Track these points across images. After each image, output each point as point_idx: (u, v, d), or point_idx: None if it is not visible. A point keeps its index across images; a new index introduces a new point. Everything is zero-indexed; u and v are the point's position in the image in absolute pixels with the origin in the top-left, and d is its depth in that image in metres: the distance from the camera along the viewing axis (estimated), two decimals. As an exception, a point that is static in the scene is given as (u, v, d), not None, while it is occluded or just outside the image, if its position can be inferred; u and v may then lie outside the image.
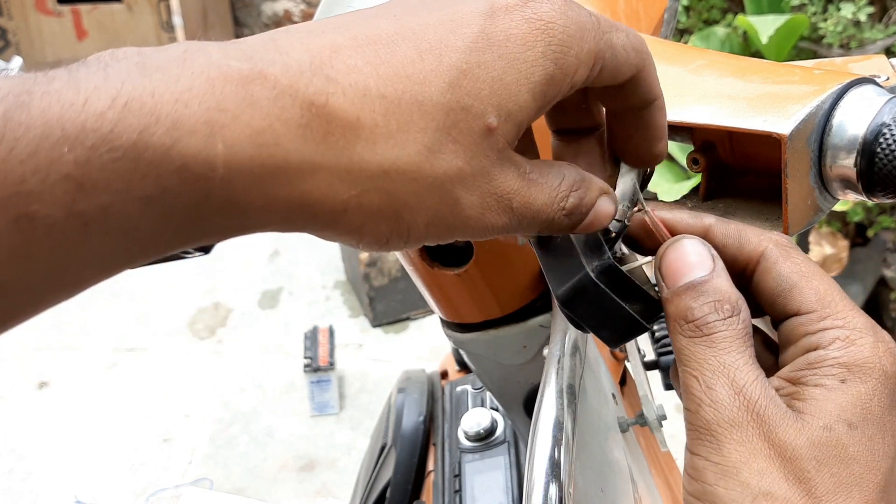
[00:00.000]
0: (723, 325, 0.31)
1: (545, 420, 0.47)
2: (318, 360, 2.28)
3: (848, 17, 2.11)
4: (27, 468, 2.24)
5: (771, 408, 0.29)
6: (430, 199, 0.27)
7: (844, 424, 0.29)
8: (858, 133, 0.36)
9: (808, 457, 0.28)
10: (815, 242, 2.35)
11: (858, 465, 0.28)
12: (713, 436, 0.29)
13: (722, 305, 0.31)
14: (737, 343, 0.31)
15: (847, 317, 0.31)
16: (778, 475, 0.28)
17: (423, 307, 2.58)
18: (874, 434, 0.29)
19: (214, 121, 0.22)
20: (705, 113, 0.38)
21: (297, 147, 0.24)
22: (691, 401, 0.31)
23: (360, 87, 0.25)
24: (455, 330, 0.63)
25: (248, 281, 2.88)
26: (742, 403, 0.29)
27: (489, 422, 0.83)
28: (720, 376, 0.30)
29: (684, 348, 0.31)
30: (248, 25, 3.78)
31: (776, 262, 0.32)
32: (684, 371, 0.31)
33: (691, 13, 2.48)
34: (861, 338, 0.30)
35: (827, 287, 0.32)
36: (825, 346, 0.30)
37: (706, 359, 0.30)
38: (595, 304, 0.34)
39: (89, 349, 2.64)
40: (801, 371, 0.30)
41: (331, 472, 2.18)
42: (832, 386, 0.29)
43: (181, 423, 2.35)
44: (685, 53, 0.45)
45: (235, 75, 0.23)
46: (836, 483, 0.28)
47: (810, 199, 0.38)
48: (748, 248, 0.33)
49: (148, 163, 0.22)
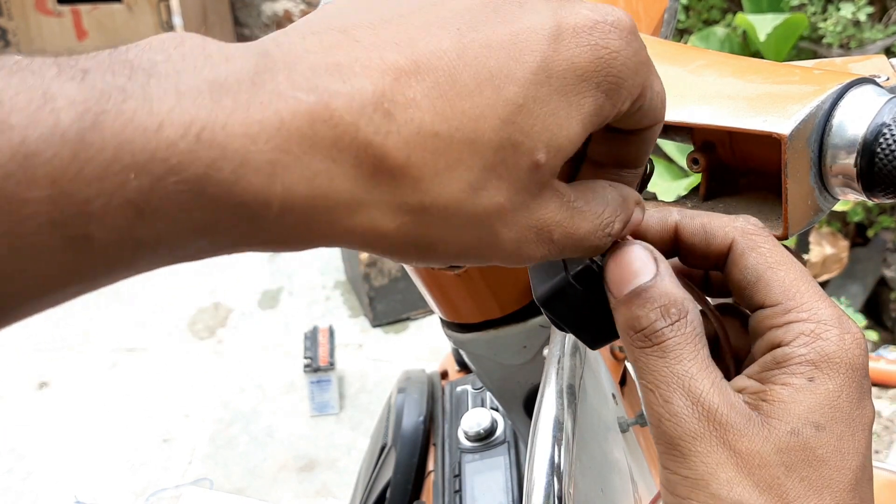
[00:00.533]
0: (671, 332, 0.30)
1: (545, 420, 0.47)
2: (318, 360, 2.28)
3: (847, 16, 2.11)
4: (27, 468, 2.23)
5: (732, 415, 0.29)
6: (467, 234, 0.26)
7: (812, 427, 0.28)
8: (858, 133, 0.36)
9: (776, 463, 0.28)
10: (815, 242, 2.35)
11: (828, 468, 0.28)
12: (678, 450, 0.29)
13: (668, 310, 0.30)
14: (688, 349, 0.30)
15: (812, 308, 0.30)
16: (747, 484, 0.28)
17: (423, 307, 2.58)
18: (843, 432, 0.29)
19: (278, 161, 0.22)
20: (705, 113, 0.38)
21: (347, 187, 0.23)
22: (652, 415, 0.30)
23: (415, 123, 0.24)
24: (455, 330, 0.63)
25: (248, 281, 2.88)
26: (701, 414, 0.29)
27: (489, 422, 0.83)
28: (675, 388, 0.29)
29: (637, 360, 0.31)
30: (248, 25, 3.78)
31: (742, 254, 0.32)
32: (640, 385, 0.31)
33: (691, 13, 2.48)
34: (827, 331, 0.29)
35: (793, 277, 0.31)
36: (790, 343, 0.30)
37: (659, 370, 0.30)
38: (573, 307, 0.33)
39: (89, 349, 2.64)
40: (768, 371, 0.30)
41: (331, 472, 2.18)
42: (799, 385, 0.29)
43: (181, 423, 2.35)
44: (685, 53, 0.45)
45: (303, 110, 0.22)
46: (806, 487, 0.28)
47: (810, 199, 0.38)
48: (715, 243, 0.32)
49: (210, 197, 0.21)
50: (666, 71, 0.44)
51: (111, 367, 2.56)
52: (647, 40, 0.48)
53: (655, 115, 0.30)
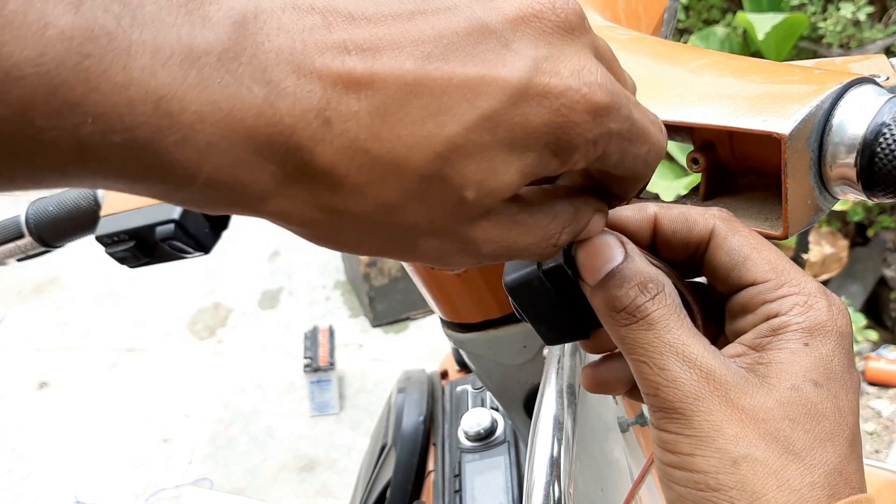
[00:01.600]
0: (653, 305, 0.31)
1: (545, 420, 0.47)
2: (318, 360, 2.28)
3: (847, 16, 2.11)
4: (27, 468, 2.24)
5: (730, 375, 0.30)
6: (381, 240, 0.27)
7: (811, 384, 0.30)
8: (858, 132, 0.36)
9: (780, 417, 0.29)
10: (815, 242, 2.35)
11: (828, 421, 0.29)
12: (680, 413, 0.30)
13: (646, 286, 0.31)
14: (673, 319, 0.31)
15: (801, 283, 0.32)
16: (754, 437, 0.29)
17: (423, 307, 2.58)
18: (839, 391, 0.30)
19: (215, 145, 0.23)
20: (705, 112, 0.38)
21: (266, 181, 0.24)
22: (648, 385, 0.31)
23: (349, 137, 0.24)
24: (455, 330, 0.63)
25: (248, 281, 2.88)
26: (700, 376, 0.30)
27: (489, 422, 0.83)
28: (669, 356, 0.30)
29: (624, 338, 0.31)
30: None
31: (726, 238, 0.33)
32: (632, 359, 0.31)
33: (691, 13, 2.48)
34: (817, 302, 0.31)
35: (777, 256, 0.32)
36: (786, 312, 0.31)
37: (649, 342, 0.31)
38: (536, 300, 0.34)
39: (89, 349, 2.64)
40: (764, 338, 0.31)
41: (331, 472, 2.18)
42: (796, 349, 0.30)
43: (181, 423, 2.35)
44: (685, 53, 0.45)
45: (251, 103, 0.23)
46: (811, 439, 0.29)
47: (810, 199, 0.38)
48: (697, 230, 0.34)
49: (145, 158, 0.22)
50: (666, 71, 0.44)
51: (111, 367, 2.57)
52: (647, 40, 0.48)
53: (636, 174, 0.30)
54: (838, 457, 0.29)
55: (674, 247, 0.34)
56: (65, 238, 0.72)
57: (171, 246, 0.61)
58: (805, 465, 0.28)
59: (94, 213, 0.68)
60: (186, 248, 0.61)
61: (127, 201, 0.63)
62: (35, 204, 0.72)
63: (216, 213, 0.26)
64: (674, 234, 0.34)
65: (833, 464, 0.29)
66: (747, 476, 0.28)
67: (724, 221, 0.34)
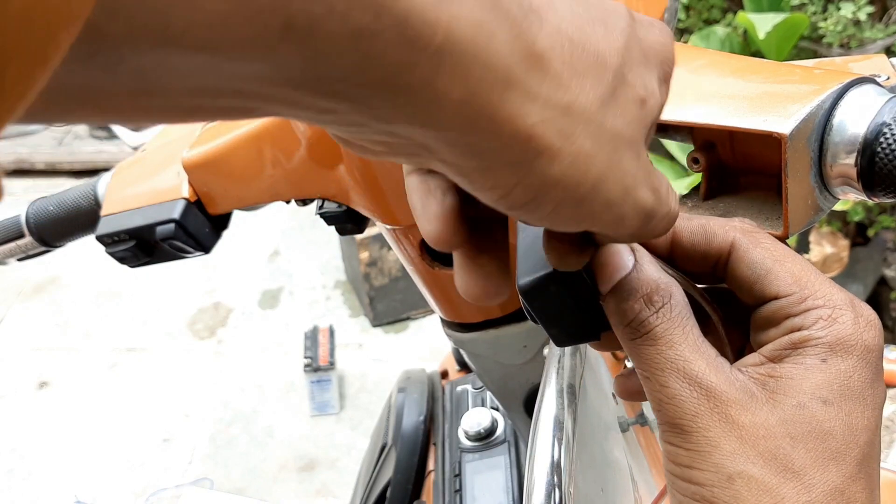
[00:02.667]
0: (657, 319, 0.31)
1: (545, 420, 0.47)
2: (318, 360, 2.28)
3: (848, 16, 2.11)
4: (27, 468, 2.24)
5: (732, 391, 0.29)
6: (601, 152, 0.25)
7: (819, 402, 0.29)
8: (859, 132, 0.36)
9: (781, 434, 0.29)
10: (815, 242, 2.35)
11: (835, 440, 0.29)
12: (680, 428, 0.30)
13: (651, 298, 0.31)
14: (677, 333, 0.31)
15: (826, 294, 0.31)
16: (751, 454, 0.29)
17: (423, 307, 2.58)
18: (853, 409, 0.29)
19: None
20: (706, 112, 0.38)
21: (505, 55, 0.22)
22: (652, 400, 0.31)
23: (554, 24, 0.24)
24: (455, 330, 0.63)
25: (249, 281, 2.88)
26: (700, 394, 0.30)
27: (489, 421, 0.83)
28: (670, 373, 0.30)
29: (631, 351, 0.32)
30: None
31: (747, 251, 0.33)
32: (639, 373, 0.32)
33: (691, 13, 2.48)
34: (842, 315, 0.30)
35: (801, 268, 0.32)
36: (808, 327, 0.30)
37: (652, 358, 0.31)
38: (550, 303, 0.34)
39: (89, 349, 2.64)
40: (784, 350, 0.31)
41: (331, 472, 2.18)
42: (811, 365, 0.30)
43: (181, 423, 2.35)
44: (685, 53, 0.45)
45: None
46: (812, 458, 0.28)
47: (810, 199, 0.38)
48: (717, 242, 0.33)
49: None
50: (666, 70, 0.44)
51: (111, 367, 2.57)
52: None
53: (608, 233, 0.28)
54: (842, 476, 0.28)
55: (693, 259, 0.34)
56: (65, 238, 0.72)
57: (171, 246, 0.61)
58: (803, 485, 0.28)
59: (95, 213, 0.68)
60: (187, 247, 0.61)
61: (127, 201, 0.63)
62: (35, 204, 0.72)
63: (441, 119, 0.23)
64: (693, 246, 0.34)
65: (834, 483, 0.28)
66: (741, 492, 0.28)
67: (745, 234, 0.33)
